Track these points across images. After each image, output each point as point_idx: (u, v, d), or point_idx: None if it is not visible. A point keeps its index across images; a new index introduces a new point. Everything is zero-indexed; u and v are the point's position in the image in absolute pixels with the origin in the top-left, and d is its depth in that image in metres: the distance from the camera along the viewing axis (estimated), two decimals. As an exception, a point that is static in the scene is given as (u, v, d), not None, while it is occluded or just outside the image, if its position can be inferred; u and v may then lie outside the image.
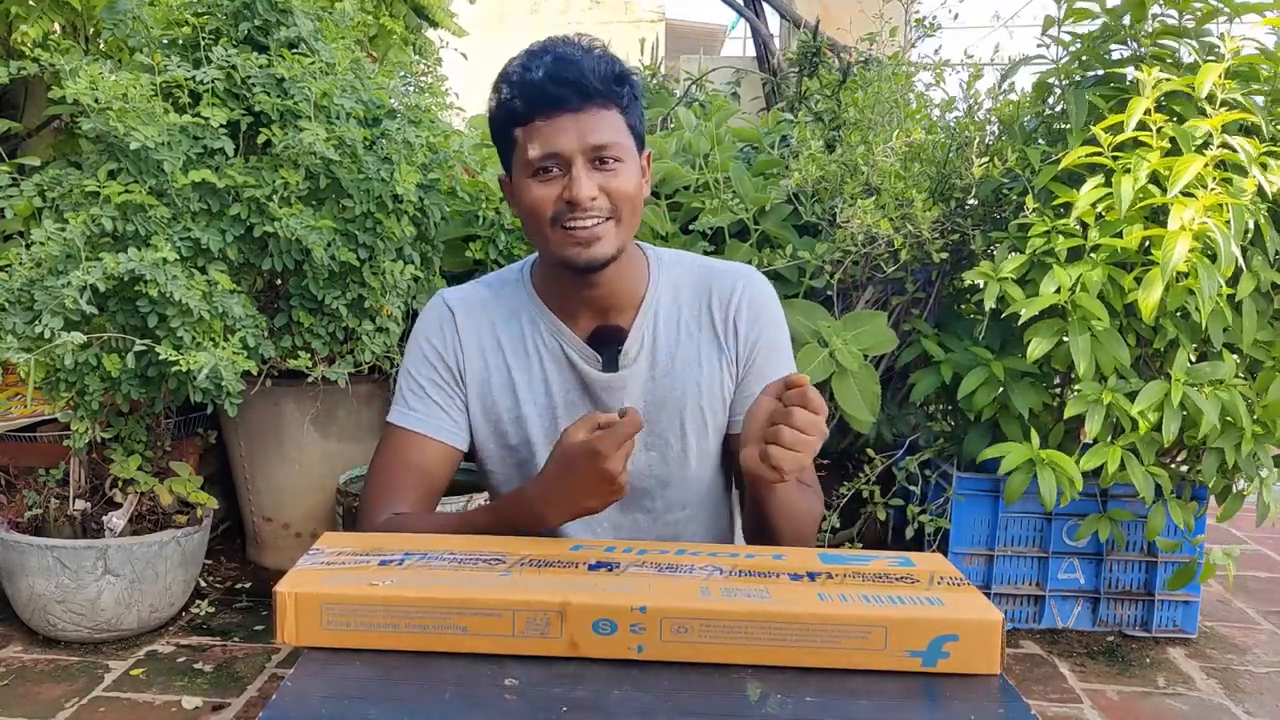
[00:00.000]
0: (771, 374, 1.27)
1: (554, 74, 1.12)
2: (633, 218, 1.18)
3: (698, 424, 1.27)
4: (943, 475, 2.69)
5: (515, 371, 1.27)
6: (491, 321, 1.28)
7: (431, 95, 2.51)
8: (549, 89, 1.11)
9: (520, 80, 1.14)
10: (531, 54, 1.15)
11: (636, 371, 1.26)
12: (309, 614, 0.89)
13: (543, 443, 1.28)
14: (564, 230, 1.15)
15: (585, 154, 1.13)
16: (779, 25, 5.02)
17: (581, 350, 1.26)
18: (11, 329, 2.02)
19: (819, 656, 0.87)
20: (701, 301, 1.28)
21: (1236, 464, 2.28)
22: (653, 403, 1.26)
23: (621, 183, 1.15)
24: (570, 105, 1.12)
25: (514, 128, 1.15)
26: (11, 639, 2.45)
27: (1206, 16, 2.30)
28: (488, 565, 0.97)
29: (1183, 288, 2.10)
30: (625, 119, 1.16)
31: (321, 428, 2.78)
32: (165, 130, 2.06)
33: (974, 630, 0.87)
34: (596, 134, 1.13)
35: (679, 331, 1.27)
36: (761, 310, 1.29)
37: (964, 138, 2.54)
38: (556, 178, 1.14)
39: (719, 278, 1.29)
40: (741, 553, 1.03)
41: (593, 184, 1.13)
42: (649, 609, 0.87)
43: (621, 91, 1.15)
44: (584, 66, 1.12)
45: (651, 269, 1.29)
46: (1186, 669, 2.46)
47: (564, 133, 1.12)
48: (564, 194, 1.13)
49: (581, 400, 1.27)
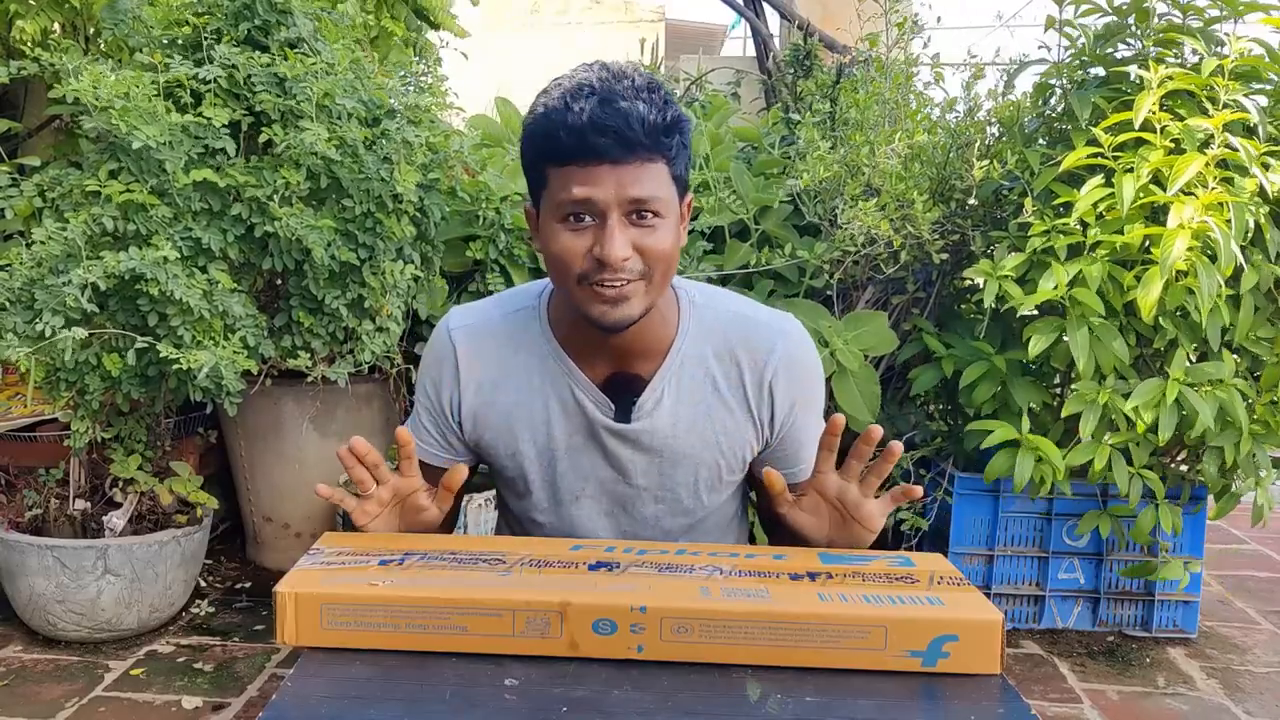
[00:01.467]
0: (806, 433, 1.21)
1: (597, 121, 1.00)
2: (665, 278, 1.08)
3: (712, 480, 1.22)
4: (941, 475, 2.69)
5: (516, 408, 1.20)
6: (497, 353, 1.20)
7: (431, 95, 2.51)
8: (589, 138, 1.00)
9: (561, 120, 1.02)
10: (575, 92, 1.02)
11: (652, 425, 1.17)
12: (309, 614, 0.89)
13: (539, 483, 1.23)
14: (591, 288, 1.05)
15: (622, 206, 1.02)
16: (779, 25, 5.02)
17: (593, 395, 1.17)
18: (12, 328, 2.02)
19: (819, 656, 0.87)
20: (734, 357, 1.18)
21: (1236, 463, 2.28)
22: (667, 459, 1.19)
23: (657, 241, 1.04)
24: (612, 156, 1.01)
25: (549, 162, 1.05)
26: (11, 639, 2.45)
27: (1211, 20, 2.30)
28: (488, 565, 0.97)
29: (1182, 286, 2.10)
30: (670, 170, 1.06)
31: (321, 427, 2.78)
32: (167, 130, 2.06)
33: (974, 630, 0.87)
34: (637, 188, 1.02)
35: (704, 386, 1.18)
36: (800, 373, 1.20)
37: (964, 139, 2.54)
38: (589, 228, 1.04)
39: (755, 335, 1.18)
40: (741, 552, 1.03)
41: (626, 242, 1.03)
42: (649, 609, 0.87)
43: (669, 143, 1.04)
44: (631, 116, 1.00)
45: (683, 314, 1.18)
46: (1186, 669, 2.46)
47: (601, 184, 1.01)
48: (594, 249, 1.03)
49: (586, 446, 1.20)
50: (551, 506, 1.24)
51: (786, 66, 4.10)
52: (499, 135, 2.99)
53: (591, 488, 1.22)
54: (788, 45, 4.34)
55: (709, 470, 1.21)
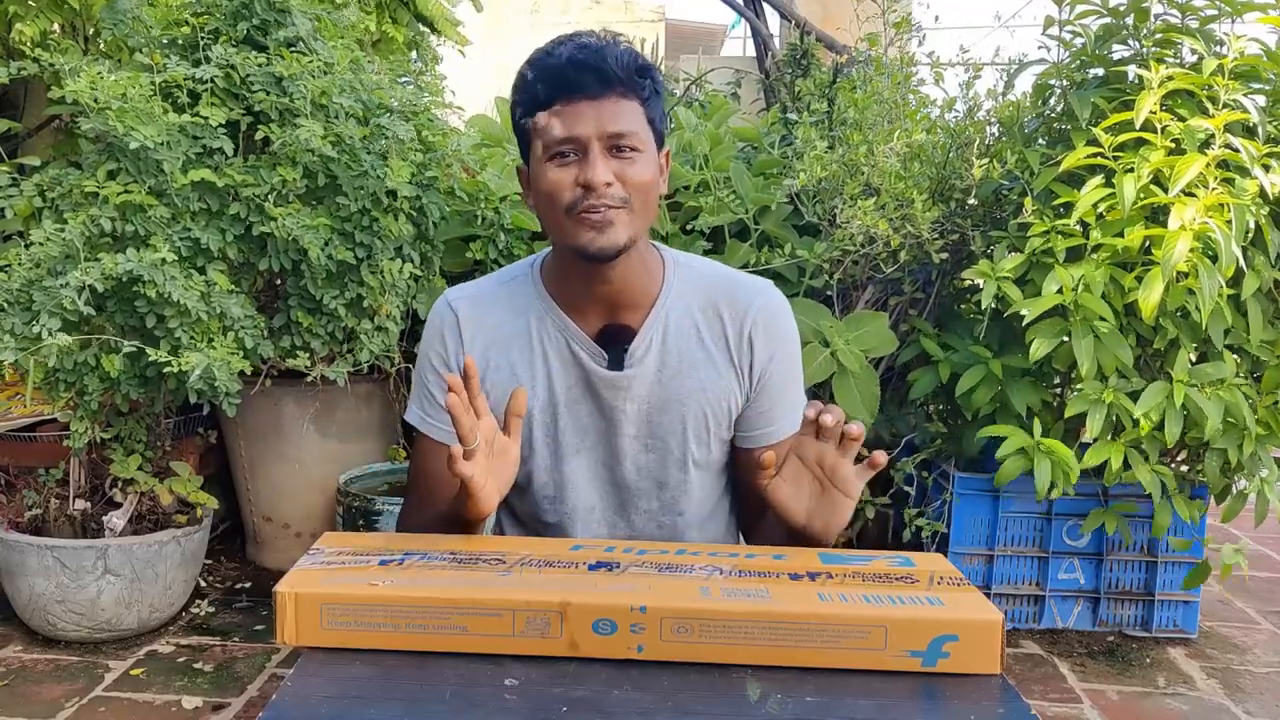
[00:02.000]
0: (784, 390, 1.28)
1: (576, 59, 1.12)
2: (646, 209, 1.17)
3: (699, 430, 1.26)
4: (942, 475, 2.69)
5: (518, 367, 1.26)
6: (497, 317, 1.27)
7: (429, 93, 2.51)
8: (570, 74, 1.12)
9: (542, 65, 1.14)
10: (555, 42, 1.16)
11: (642, 372, 1.24)
12: (309, 614, 0.89)
13: (542, 439, 1.27)
14: (578, 215, 1.14)
15: (602, 140, 1.12)
16: (779, 25, 5.02)
17: (588, 347, 1.24)
18: (10, 329, 2.02)
19: (819, 656, 0.87)
20: (716, 311, 1.26)
21: (1239, 463, 2.28)
22: (656, 405, 1.25)
23: (637, 172, 1.14)
24: (590, 91, 1.12)
25: (534, 111, 1.15)
26: (11, 639, 2.45)
27: (1209, 20, 2.30)
28: (488, 565, 0.96)
29: (1183, 287, 2.10)
30: (645, 111, 1.16)
31: (321, 427, 2.78)
32: (165, 130, 2.06)
33: (974, 630, 0.87)
34: (615, 121, 1.12)
35: (690, 336, 1.25)
36: (777, 328, 1.27)
37: (964, 138, 2.54)
38: (573, 162, 1.13)
39: (736, 290, 1.27)
40: (742, 552, 1.03)
41: (608, 170, 1.12)
42: (649, 609, 0.87)
43: (643, 83, 1.15)
44: (606, 54, 1.12)
45: (667, 270, 1.27)
46: (1186, 669, 2.46)
47: (582, 118, 1.12)
48: (579, 178, 1.12)
49: (584, 397, 1.26)
50: (552, 464, 1.28)
51: (785, 66, 4.10)
52: (499, 135, 2.99)
53: (590, 440, 1.27)
54: (785, 45, 4.34)
55: (695, 419, 1.25)
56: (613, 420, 1.26)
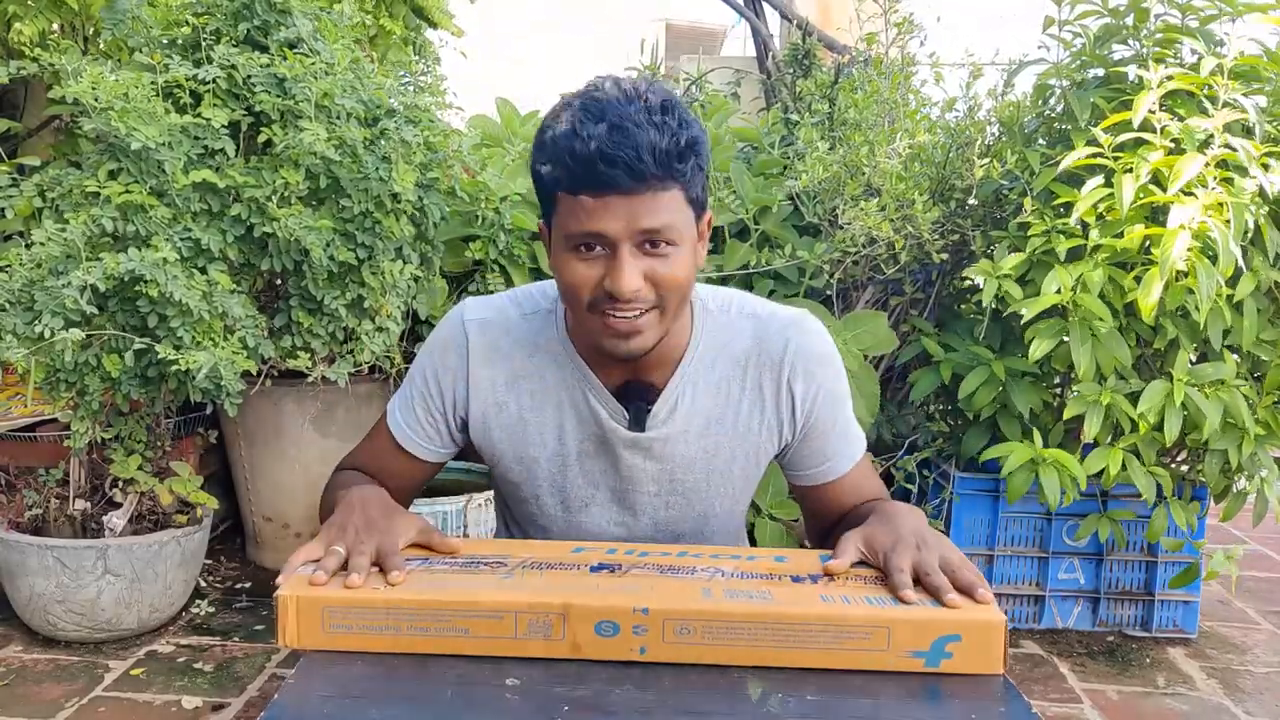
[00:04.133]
0: (833, 425, 1.19)
1: (607, 152, 0.95)
2: (680, 306, 1.06)
3: (724, 487, 1.21)
4: (942, 475, 2.69)
5: (528, 412, 1.18)
6: (512, 353, 1.17)
7: (430, 94, 2.51)
8: (599, 169, 0.96)
9: (568, 148, 0.98)
10: (583, 118, 0.98)
11: (666, 434, 1.16)
12: (310, 617, 0.89)
13: (548, 489, 1.20)
14: (602, 318, 1.03)
15: (633, 238, 0.99)
16: (779, 25, 5.01)
17: (608, 404, 1.15)
18: (12, 329, 2.02)
19: (822, 657, 0.87)
20: (749, 360, 1.16)
21: (1239, 464, 2.28)
22: (680, 464, 1.18)
23: (671, 271, 1.02)
24: (622, 187, 0.97)
25: (555, 191, 1.02)
26: (11, 639, 2.45)
27: (1208, 19, 2.30)
28: (489, 568, 0.96)
29: (1182, 287, 2.10)
30: (685, 194, 1.02)
31: (321, 428, 2.78)
32: (166, 130, 2.06)
33: (977, 631, 0.87)
34: (649, 218, 0.99)
35: (719, 393, 1.16)
36: (817, 365, 1.17)
37: (964, 139, 2.54)
38: (600, 258, 1.01)
39: (767, 334, 1.17)
40: (744, 554, 1.03)
41: (637, 273, 1.00)
42: (651, 610, 0.87)
43: (684, 168, 1.00)
44: (642, 145, 0.96)
45: (695, 321, 1.17)
46: (1186, 669, 2.46)
47: (612, 215, 0.98)
48: (605, 280, 1.01)
49: (598, 453, 1.18)
50: (560, 513, 1.23)
51: (785, 66, 4.09)
52: (499, 135, 2.98)
53: (602, 495, 1.21)
54: (787, 45, 4.34)
55: (721, 476, 1.20)
56: (630, 479, 1.19)
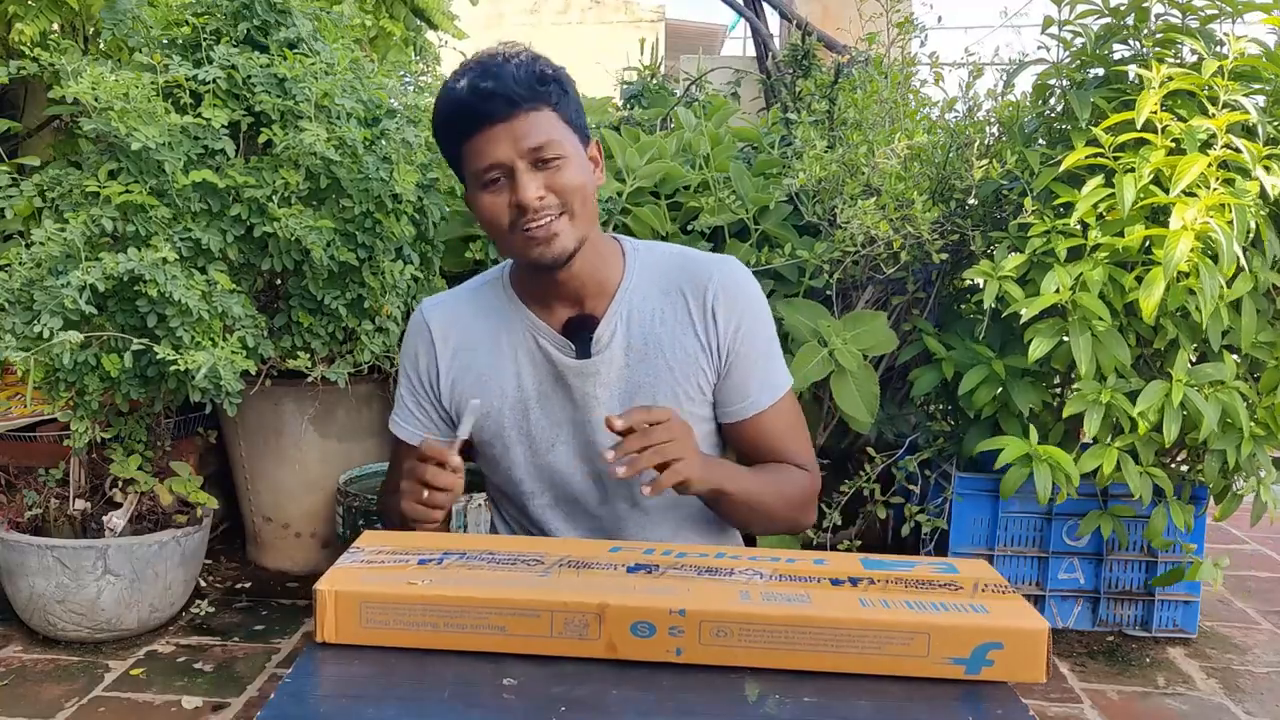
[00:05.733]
0: (756, 360, 1.30)
1: (477, 87, 1.14)
2: (586, 208, 1.20)
3: (673, 409, 1.27)
4: (943, 475, 2.69)
5: (486, 369, 1.30)
6: (466, 323, 1.32)
7: (431, 94, 2.51)
8: (475, 103, 1.14)
9: (448, 100, 1.17)
10: (455, 74, 1.18)
11: (610, 357, 1.27)
12: (348, 612, 0.89)
13: (515, 436, 1.30)
14: (522, 234, 1.17)
15: (524, 158, 1.15)
16: (779, 25, 5.01)
17: (554, 339, 1.28)
18: (11, 329, 2.02)
19: (860, 663, 0.86)
20: (677, 289, 1.29)
21: (1238, 464, 2.28)
22: (627, 389, 1.28)
23: (566, 178, 1.17)
24: (499, 115, 1.14)
25: (455, 147, 1.19)
26: (11, 639, 2.45)
27: (1209, 19, 2.29)
28: (526, 566, 0.96)
29: (1183, 287, 2.09)
30: (559, 115, 1.18)
31: (321, 428, 2.78)
32: (166, 130, 2.06)
33: (1019, 639, 0.86)
34: (530, 137, 1.15)
35: (653, 318, 1.28)
36: (739, 297, 1.29)
37: (964, 139, 2.54)
38: (503, 186, 1.17)
39: (695, 267, 1.30)
40: (783, 557, 1.02)
41: (538, 184, 1.15)
42: (688, 612, 0.86)
43: (548, 90, 1.17)
44: (504, 74, 1.14)
45: (627, 258, 1.31)
46: (1186, 669, 2.46)
47: (499, 142, 1.15)
48: (512, 200, 1.16)
49: (555, 389, 1.29)
50: (530, 459, 1.31)
51: (785, 66, 4.09)
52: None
53: (565, 432, 1.30)
54: (787, 45, 4.34)
55: (666, 397, 1.28)
56: (586, 408, 1.28)
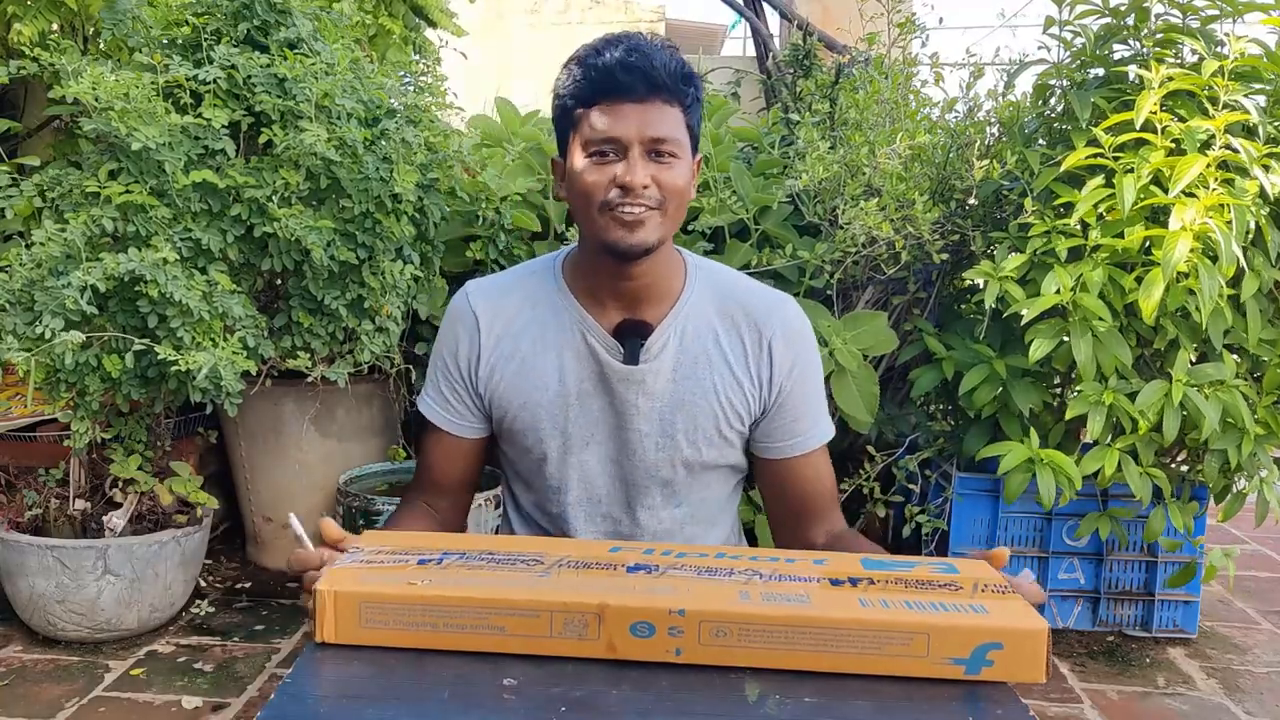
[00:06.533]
0: (810, 400, 1.30)
1: (625, 61, 1.14)
2: (678, 213, 1.20)
3: (709, 432, 1.27)
4: (943, 475, 2.69)
5: (530, 358, 1.27)
6: (514, 308, 1.29)
7: (431, 94, 2.51)
8: (618, 75, 1.14)
9: (591, 63, 1.16)
10: (606, 41, 1.18)
11: (657, 368, 1.25)
12: (347, 613, 0.89)
13: (551, 430, 1.28)
14: (611, 214, 1.16)
15: (644, 143, 1.15)
16: (779, 25, 5.02)
17: (604, 340, 1.25)
18: (12, 329, 2.02)
19: (860, 663, 0.86)
20: (736, 318, 1.28)
21: (1239, 464, 2.28)
22: (670, 402, 1.26)
23: (674, 177, 1.17)
24: (636, 94, 1.14)
25: (578, 108, 1.18)
26: (11, 639, 2.45)
27: (1209, 19, 2.29)
28: (526, 566, 0.96)
29: (1183, 288, 2.09)
30: (686, 118, 1.19)
31: (321, 428, 2.78)
32: (166, 130, 2.06)
33: (1018, 639, 0.85)
34: (657, 126, 1.15)
35: (707, 337, 1.27)
36: (798, 340, 1.29)
37: (964, 139, 2.54)
38: (612, 162, 1.16)
39: (756, 300, 1.29)
40: (782, 557, 1.02)
41: (646, 173, 1.15)
42: (688, 612, 0.86)
43: (687, 91, 1.18)
44: (655, 59, 1.15)
45: (689, 272, 1.29)
46: (1186, 669, 2.46)
47: (626, 119, 1.14)
48: (617, 179, 1.15)
49: (596, 391, 1.26)
50: (561, 455, 1.29)
51: (786, 66, 4.09)
52: (499, 135, 2.98)
53: (600, 433, 1.28)
54: (787, 45, 4.34)
55: (707, 419, 1.26)
56: (625, 415, 1.26)
